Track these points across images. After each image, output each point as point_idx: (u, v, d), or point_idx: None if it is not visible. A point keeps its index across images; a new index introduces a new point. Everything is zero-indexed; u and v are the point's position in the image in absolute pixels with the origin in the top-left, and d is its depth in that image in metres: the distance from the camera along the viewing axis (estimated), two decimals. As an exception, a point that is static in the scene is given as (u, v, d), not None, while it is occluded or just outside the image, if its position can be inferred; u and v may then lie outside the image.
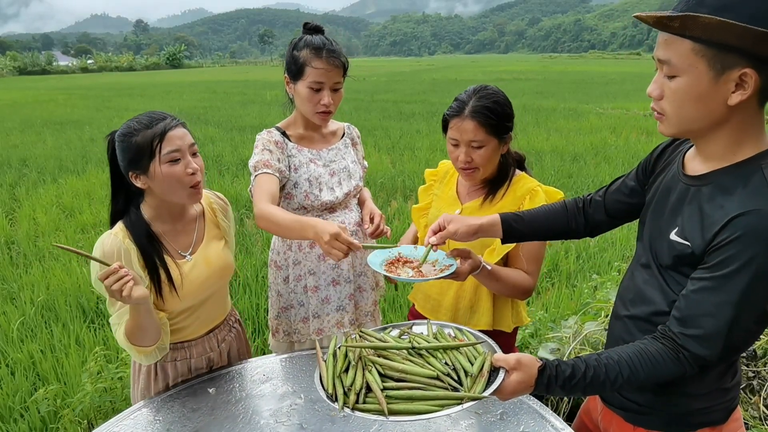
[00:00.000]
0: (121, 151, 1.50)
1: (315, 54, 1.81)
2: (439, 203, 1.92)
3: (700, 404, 1.20)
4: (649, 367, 1.11)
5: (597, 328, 2.72)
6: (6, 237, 5.35)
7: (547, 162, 7.96)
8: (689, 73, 1.00)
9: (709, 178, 1.09)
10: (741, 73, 0.96)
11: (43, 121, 14.03)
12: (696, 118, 1.04)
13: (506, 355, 1.18)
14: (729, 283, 1.01)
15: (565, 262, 4.50)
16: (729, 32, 0.93)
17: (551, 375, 1.12)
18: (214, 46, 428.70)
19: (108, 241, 1.51)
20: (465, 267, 1.55)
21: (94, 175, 7.83)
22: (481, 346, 1.29)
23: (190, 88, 25.95)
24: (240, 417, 1.49)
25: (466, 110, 1.63)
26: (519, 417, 1.44)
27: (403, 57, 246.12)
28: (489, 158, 1.67)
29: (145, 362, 1.59)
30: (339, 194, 1.99)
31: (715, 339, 1.05)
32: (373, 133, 10.86)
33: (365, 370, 1.22)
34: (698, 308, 1.06)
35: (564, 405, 2.39)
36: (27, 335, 3.44)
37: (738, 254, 0.99)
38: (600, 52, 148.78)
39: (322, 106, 1.86)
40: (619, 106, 14.74)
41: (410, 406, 1.15)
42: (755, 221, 0.98)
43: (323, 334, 2.03)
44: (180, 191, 1.52)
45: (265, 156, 1.86)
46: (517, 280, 1.68)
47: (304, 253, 2.00)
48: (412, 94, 19.69)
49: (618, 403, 1.31)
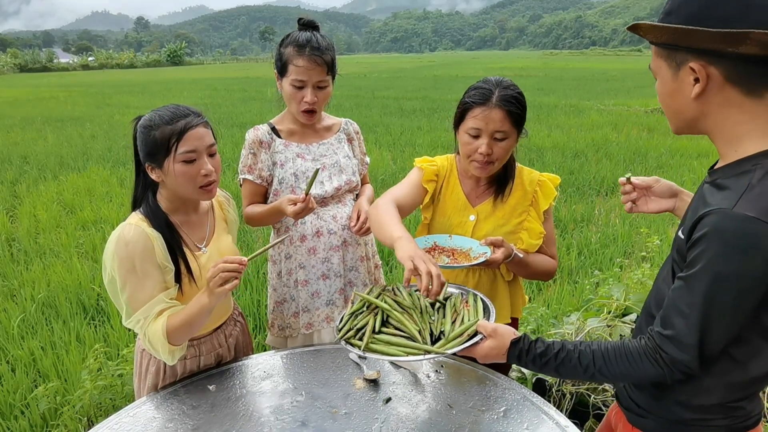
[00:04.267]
0: (140, 141, 1.51)
1: (297, 52, 1.81)
2: (445, 210, 1.82)
3: (694, 416, 1.16)
4: (624, 362, 1.12)
5: (599, 324, 2.71)
6: (7, 234, 5.34)
7: (548, 158, 7.94)
8: (659, 73, 1.09)
9: (714, 175, 1.08)
10: (689, 66, 1.01)
11: (44, 118, 14.02)
12: (677, 113, 1.09)
13: (489, 323, 1.34)
14: (695, 284, 1.01)
15: (567, 258, 4.49)
16: (665, 33, 1.01)
17: (522, 348, 1.23)
18: (214, 43, 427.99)
19: (130, 231, 1.48)
20: (498, 255, 1.60)
21: (95, 171, 7.82)
22: (482, 313, 1.47)
23: (191, 86, 25.92)
24: (240, 414, 1.48)
25: (493, 99, 1.58)
26: (522, 414, 1.43)
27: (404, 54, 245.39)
28: (508, 152, 1.68)
29: (171, 361, 1.53)
30: (328, 188, 1.98)
31: (687, 342, 1.03)
32: (374, 129, 10.84)
33: (374, 315, 1.46)
34: (673, 308, 1.06)
35: (566, 402, 2.37)
36: (27, 332, 3.43)
37: (701, 254, 0.99)
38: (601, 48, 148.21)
39: (305, 103, 1.86)
40: (621, 103, 14.70)
41: (386, 348, 1.38)
42: (717, 220, 0.96)
43: (313, 328, 2.03)
44: (191, 190, 1.53)
45: (249, 160, 1.98)
46: (544, 264, 1.77)
47: (295, 246, 2.00)
48: (413, 91, 19.64)
49: (625, 402, 1.30)
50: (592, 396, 2.36)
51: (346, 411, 1.47)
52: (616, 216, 5.68)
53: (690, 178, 6.77)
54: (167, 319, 1.47)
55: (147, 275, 1.48)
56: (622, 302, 2.82)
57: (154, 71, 53.18)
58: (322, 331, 2.04)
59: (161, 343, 1.47)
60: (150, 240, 1.48)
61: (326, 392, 1.56)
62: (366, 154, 2.22)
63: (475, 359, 1.33)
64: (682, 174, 7.00)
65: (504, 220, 1.76)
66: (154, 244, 1.49)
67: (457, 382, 1.59)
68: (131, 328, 1.52)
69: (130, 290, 1.47)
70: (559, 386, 2.44)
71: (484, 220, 1.77)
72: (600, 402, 2.35)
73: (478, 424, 1.40)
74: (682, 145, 8.54)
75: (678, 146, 8.52)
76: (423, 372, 1.64)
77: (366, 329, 1.42)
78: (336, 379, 1.62)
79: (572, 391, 2.40)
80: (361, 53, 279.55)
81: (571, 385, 2.42)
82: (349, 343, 1.41)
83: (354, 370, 1.66)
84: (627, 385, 1.30)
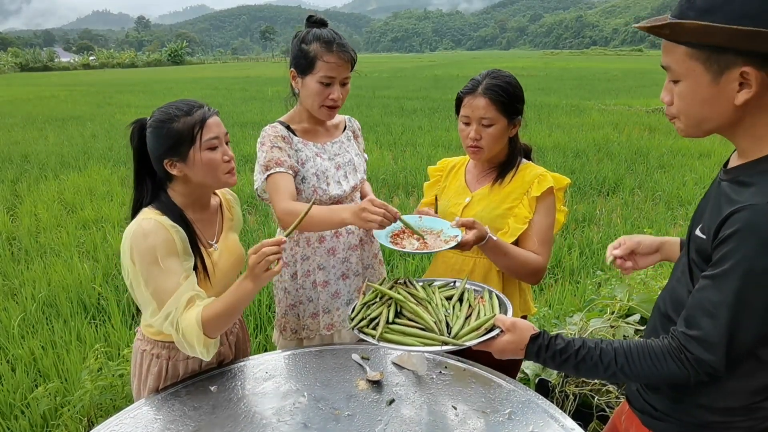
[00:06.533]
0: (157, 137, 1.48)
1: (326, 48, 1.78)
2: (447, 194, 1.94)
3: (718, 418, 1.14)
4: (647, 362, 1.09)
5: (603, 325, 2.69)
6: (7, 233, 5.33)
7: (549, 158, 7.92)
8: (688, 76, 1.01)
9: (733, 173, 1.06)
10: (740, 71, 0.94)
11: (45, 118, 14.02)
12: (706, 119, 1.03)
13: (507, 317, 1.32)
14: (724, 283, 0.98)
15: (568, 258, 4.47)
16: (715, 34, 0.93)
17: (542, 344, 1.20)
18: (215, 42, 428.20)
19: (148, 224, 1.45)
20: (469, 237, 1.59)
21: (96, 171, 7.82)
22: (498, 309, 1.45)
23: (191, 85, 25.92)
24: (242, 416, 1.46)
25: (479, 88, 1.69)
26: (527, 417, 1.41)
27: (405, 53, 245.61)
28: (497, 138, 1.73)
29: (206, 356, 1.47)
30: (346, 188, 1.96)
31: (715, 342, 1.01)
32: (374, 129, 10.83)
33: (388, 306, 1.46)
34: (699, 308, 1.03)
35: (569, 403, 2.36)
36: (28, 331, 3.42)
37: (732, 251, 0.96)
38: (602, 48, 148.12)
39: (331, 100, 1.83)
40: (622, 103, 14.68)
41: (400, 338, 1.36)
42: (750, 216, 0.94)
43: (334, 329, 2.01)
44: (217, 176, 1.54)
45: (275, 153, 1.83)
46: (527, 258, 1.72)
47: (313, 248, 1.97)
48: (413, 91, 19.64)
49: (639, 405, 1.28)
50: (596, 397, 2.34)
51: (349, 412, 1.45)
52: (617, 216, 5.67)
53: (692, 178, 6.76)
54: (201, 309, 1.43)
55: (170, 265, 1.45)
56: (626, 303, 2.80)
57: (155, 71, 53.19)
58: (343, 331, 2.02)
59: (196, 336, 1.42)
60: (169, 232, 1.46)
61: (329, 393, 1.54)
62: (365, 151, 2.21)
63: (491, 354, 1.30)
64: (683, 174, 6.99)
65: (496, 204, 1.79)
66: (174, 236, 1.47)
67: (461, 384, 1.57)
68: (160, 327, 1.46)
69: (155, 282, 1.43)
70: (562, 387, 2.43)
71: (477, 202, 1.83)
72: (604, 403, 2.33)
73: (483, 427, 1.38)
74: (684, 145, 8.52)
75: (679, 146, 8.50)
76: (427, 373, 1.62)
77: (380, 319, 1.41)
78: (339, 380, 1.61)
79: (576, 392, 2.39)
80: (361, 53, 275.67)
81: (574, 386, 2.41)
82: (362, 332, 1.41)
83: (357, 371, 1.64)
84: (641, 388, 1.27)
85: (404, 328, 1.39)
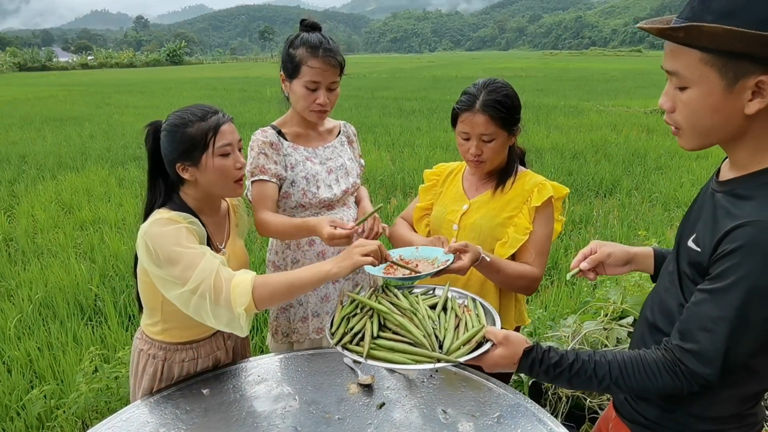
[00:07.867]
0: (171, 141, 1.49)
1: (311, 53, 1.79)
2: (444, 200, 1.93)
3: (708, 426, 1.14)
4: (642, 374, 1.08)
5: (596, 327, 2.70)
6: (4, 234, 5.33)
7: (547, 159, 7.93)
8: (700, 83, 0.95)
9: (729, 185, 1.04)
10: (757, 80, 0.91)
11: (43, 118, 14.00)
12: (712, 129, 0.99)
13: (498, 329, 1.27)
14: (725, 298, 0.97)
15: (564, 260, 4.48)
16: (737, 40, 0.88)
17: (536, 358, 1.16)
18: (214, 42, 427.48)
19: (164, 219, 1.46)
20: (465, 262, 1.57)
21: (94, 171, 7.82)
22: (484, 318, 1.41)
23: (190, 85, 25.91)
24: (234, 419, 1.47)
25: (477, 104, 1.66)
26: (516, 420, 1.42)
27: (404, 54, 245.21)
28: (498, 151, 1.72)
29: (243, 330, 1.40)
30: (337, 191, 1.98)
31: (711, 356, 1.00)
32: (373, 130, 10.84)
33: (370, 318, 1.39)
34: (696, 322, 1.02)
35: (562, 406, 2.37)
36: (24, 333, 3.43)
37: (734, 267, 0.95)
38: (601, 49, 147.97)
39: (317, 105, 1.84)
40: (620, 104, 14.69)
41: (390, 355, 1.30)
42: (754, 232, 0.92)
43: (323, 333, 2.02)
44: (227, 184, 1.55)
45: (261, 161, 1.86)
46: (521, 271, 1.71)
47: (303, 251, 1.99)
48: (412, 91, 19.64)
49: (628, 414, 1.27)
50: (588, 399, 2.36)
51: (340, 416, 1.46)
52: (614, 217, 5.68)
53: (689, 179, 6.77)
54: (255, 275, 1.41)
55: (192, 245, 1.44)
56: (619, 305, 2.82)
57: (154, 70, 53.15)
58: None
59: (243, 297, 1.36)
60: (189, 229, 1.48)
61: (320, 397, 1.55)
62: (361, 156, 2.22)
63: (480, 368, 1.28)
64: (680, 175, 7.00)
65: (496, 212, 1.78)
66: (193, 234, 1.48)
67: (451, 387, 1.58)
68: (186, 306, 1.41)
69: (184, 258, 1.40)
70: (555, 389, 2.44)
71: (476, 210, 1.82)
72: (596, 405, 2.35)
73: (472, 430, 1.39)
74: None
75: (677, 148, 8.50)
76: (417, 377, 1.63)
77: (364, 333, 1.36)
78: (330, 383, 1.62)
79: (568, 395, 2.40)
80: (360, 53, 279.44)
81: (567, 389, 2.42)
82: (347, 350, 1.35)
83: (348, 375, 1.65)
84: (629, 397, 1.26)
85: (393, 344, 1.32)
